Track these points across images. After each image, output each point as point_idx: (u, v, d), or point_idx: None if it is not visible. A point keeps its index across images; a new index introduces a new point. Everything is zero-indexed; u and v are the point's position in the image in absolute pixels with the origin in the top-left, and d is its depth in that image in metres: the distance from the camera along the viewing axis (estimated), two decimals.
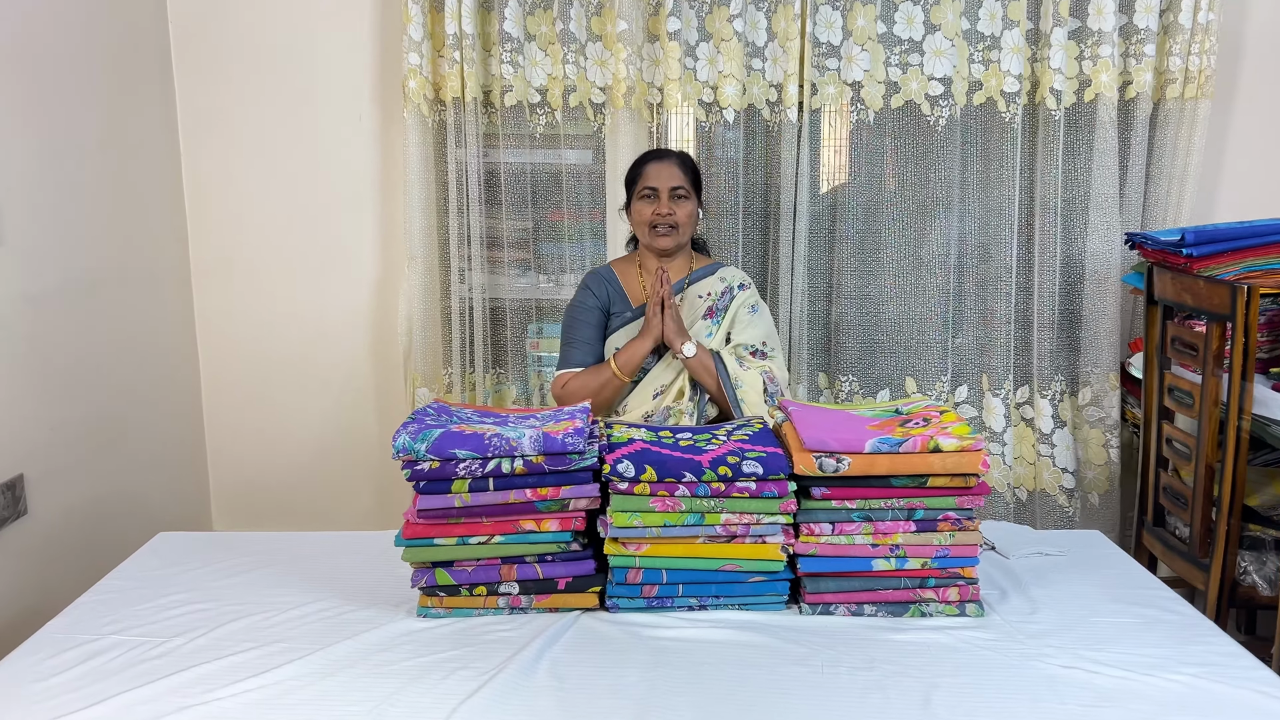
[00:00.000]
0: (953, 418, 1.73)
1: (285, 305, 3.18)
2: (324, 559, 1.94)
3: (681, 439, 1.77)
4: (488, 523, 1.65)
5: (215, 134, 3.09)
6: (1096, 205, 2.87)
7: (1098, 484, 2.94)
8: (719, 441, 1.74)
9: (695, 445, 1.72)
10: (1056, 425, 2.97)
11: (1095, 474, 2.94)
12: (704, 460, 1.64)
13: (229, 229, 3.14)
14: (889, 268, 2.97)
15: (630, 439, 1.73)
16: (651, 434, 1.78)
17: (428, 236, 3.01)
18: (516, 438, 1.62)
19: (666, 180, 2.32)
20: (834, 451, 1.64)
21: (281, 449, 3.25)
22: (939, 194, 2.92)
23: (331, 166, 3.10)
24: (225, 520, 3.31)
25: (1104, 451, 2.92)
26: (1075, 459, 2.97)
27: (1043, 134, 2.89)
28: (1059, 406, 2.97)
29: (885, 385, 3.00)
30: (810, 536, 1.67)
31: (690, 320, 2.36)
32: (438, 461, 1.63)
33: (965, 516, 1.68)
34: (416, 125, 2.95)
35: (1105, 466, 2.92)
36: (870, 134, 2.93)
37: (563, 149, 3.01)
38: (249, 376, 3.21)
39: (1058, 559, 1.93)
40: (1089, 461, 2.95)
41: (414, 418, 1.73)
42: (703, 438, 1.78)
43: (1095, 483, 2.95)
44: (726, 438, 1.77)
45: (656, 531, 1.64)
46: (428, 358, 3.06)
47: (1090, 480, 2.96)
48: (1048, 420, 2.97)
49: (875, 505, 1.66)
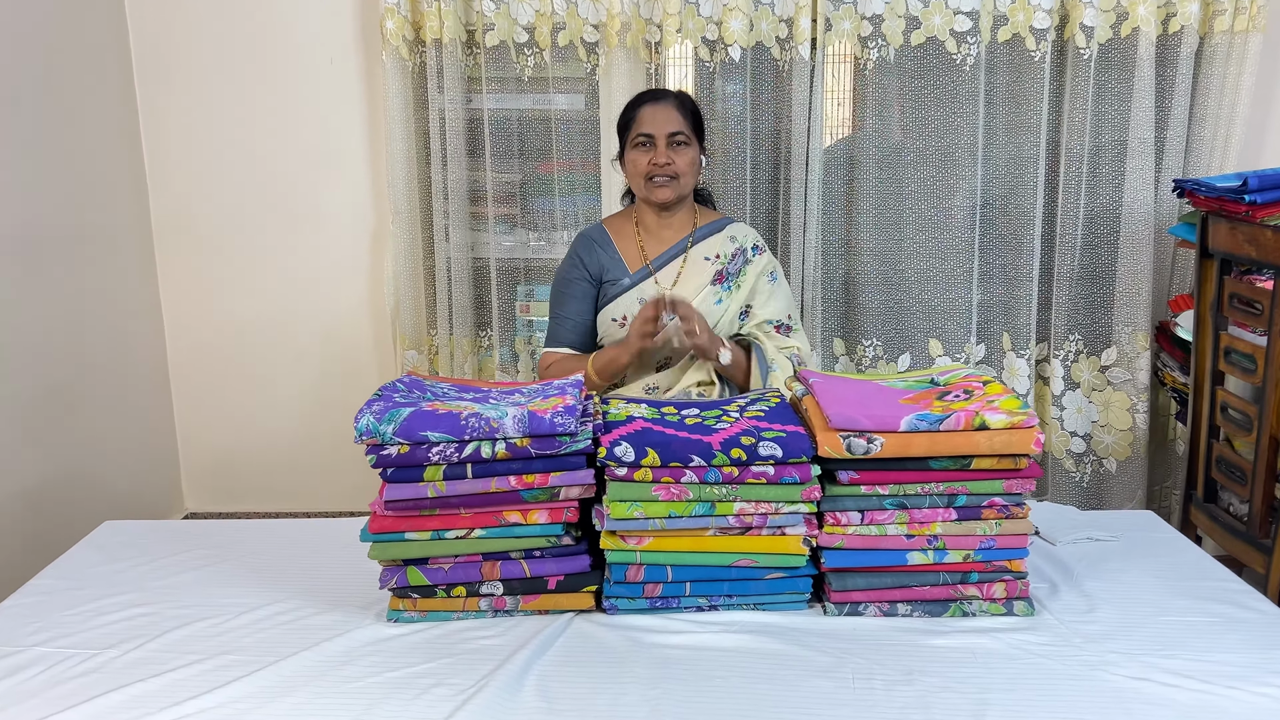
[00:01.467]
0: (998, 389, 1.51)
1: (258, 265, 2.95)
2: (286, 551, 1.73)
3: (688, 416, 1.55)
4: (466, 514, 1.44)
5: (174, 80, 2.84)
6: (1134, 151, 2.62)
7: (1117, 450, 2.75)
8: (731, 419, 1.52)
9: (704, 424, 1.50)
10: (1068, 387, 2.78)
11: (1115, 439, 2.74)
12: (714, 441, 1.43)
13: (193, 183, 2.90)
14: (910, 220, 2.74)
15: (630, 416, 1.51)
16: (654, 410, 1.56)
17: (410, 191, 2.78)
18: (498, 417, 1.40)
19: (663, 125, 2.06)
20: (864, 430, 1.42)
21: (258, 422, 3.05)
22: (964, 140, 2.68)
23: (304, 115, 2.86)
24: (198, 500, 3.11)
25: (1128, 416, 2.71)
26: (1088, 422, 2.77)
27: (1072, 74, 2.64)
28: (1071, 367, 2.77)
29: (907, 349, 2.78)
30: (836, 527, 1.46)
31: (695, 286, 2.11)
32: (407, 445, 1.41)
33: (1014, 502, 1.47)
34: (395, 69, 2.71)
35: (1129, 432, 2.72)
36: (890, 74, 2.68)
37: (552, 93, 2.77)
38: (220, 343, 3.00)
39: (1110, 544, 1.72)
40: (1110, 425, 2.75)
41: (380, 394, 1.51)
42: (712, 414, 1.55)
43: (1115, 448, 2.75)
44: (739, 414, 1.55)
45: (660, 523, 1.43)
46: (414, 320, 2.85)
47: (1108, 446, 2.76)
48: (1059, 382, 2.77)
49: (911, 491, 1.45)
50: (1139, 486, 2.73)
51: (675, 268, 2.13)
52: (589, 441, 1.42)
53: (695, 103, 2.15)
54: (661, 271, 2.13)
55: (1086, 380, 2.77)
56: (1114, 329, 2.72)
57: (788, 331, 2.14)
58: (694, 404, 1.62)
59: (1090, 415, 2.78)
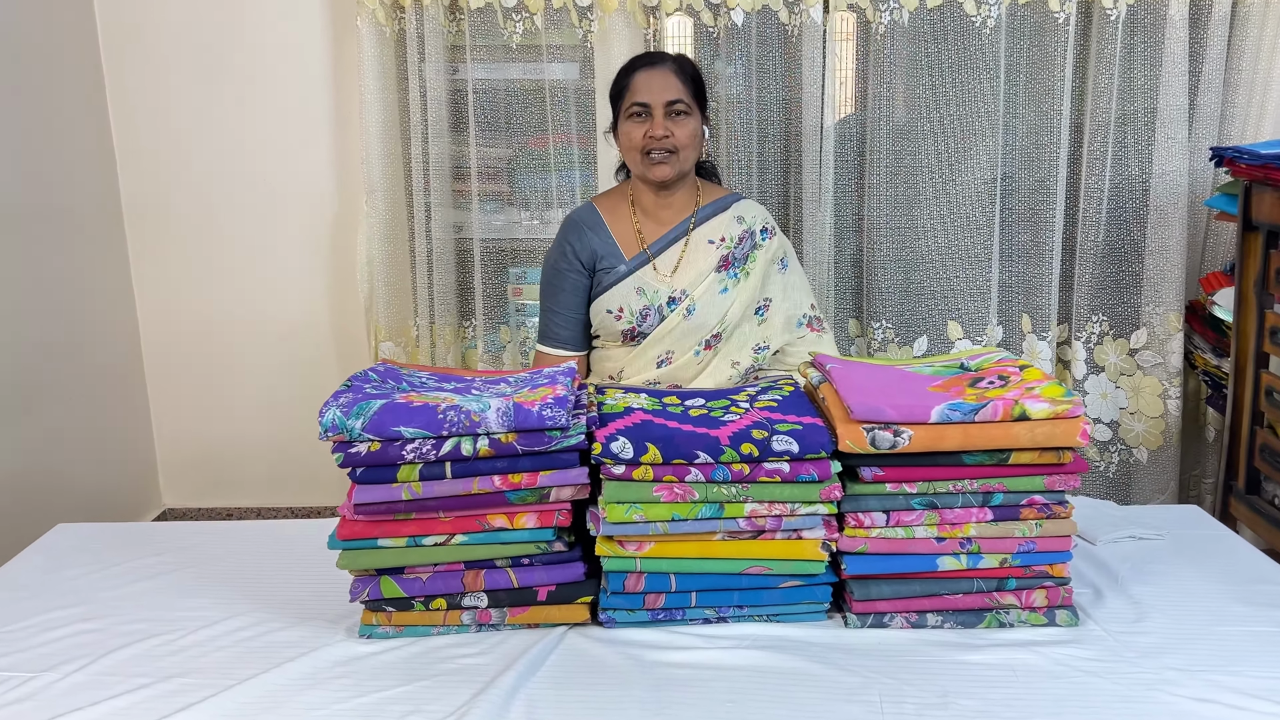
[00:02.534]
0: (1037, 374, 1.36)
1: (233, 247, 2.79)
2: (254, 556, 1.58)
3: (692, 406, 1.39)
4: (445, 518, 1.29)
5: (141, 54, 2.67)
6: (1165, 119, 2.46)
7: (1149, 438, 2.59)
8: (740, 410, 1.37)
9: (710, 415, 1.35)
10: (1090, 370, 2.62)
11: (1147, 427, 2.59)
12: (722, 435, 1.28)
13: (163, 164, 2.74)
14: (927, 195, 2.57)
15: (627, 408, 1.36)
16: (654, 401, 1.41)
17: (388, 167, 2.62)
18: (480, 410, 1.25)
19: (660, 92, 1.85)
20: (890, 422, 1.27)
21: (239, 412, 2.90)
22: (983, 109, 2.51)
23: (276, 88, 2.69)
24: (176, 495, 2.96)
25: (1159, 402, 2.56)
26: (1115, 409, 2.61)
27: (1098, 37, 2.47)
28: (1095, 350, 2.61)
29: (924, 331, 2.62)
30: (859, 529, 1.31)
31: (698, 274, 1.91)
32: (378, 442, 1.26)
33: (1056, 501, 1.32)
34: (372, 36, 2.54)
35: (1160, 419, 2.56)
36: (903, 39, 2.51)
37: (544, 62, 2.59)
38: (197, 329, 2.84)
39: (1155, 543, 1.57)
40: (1140, 413, 2.59)
41: (349, 385, 1.36)
42: (719, 404, 1.40)
43: (1146, 437, 2.59)
44: (749, 404, 1.39)
45: (663, 527, 1.28)
46: (392, 307, 2.68)
47: (1140, 434, 2.60)
48: (1080, 365, 2.61)
49: (941, 489, 1.30)
50: (1171, 478, 2.58)
51: (676, 252, 1.93)
52: (582, 436, 1.27)
53: (696, 67, 1.94)
54: (661, 257, 1.92)
55: (1114, 364, 2.61)
56: (1143, 309, 2.56)
57: (820, 325, 1.97)
58: (699, 393, 1.47)
59: (1118, 401, 2.62)
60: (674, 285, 1.90)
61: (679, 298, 1.89)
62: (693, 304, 1.89)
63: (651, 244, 1.93)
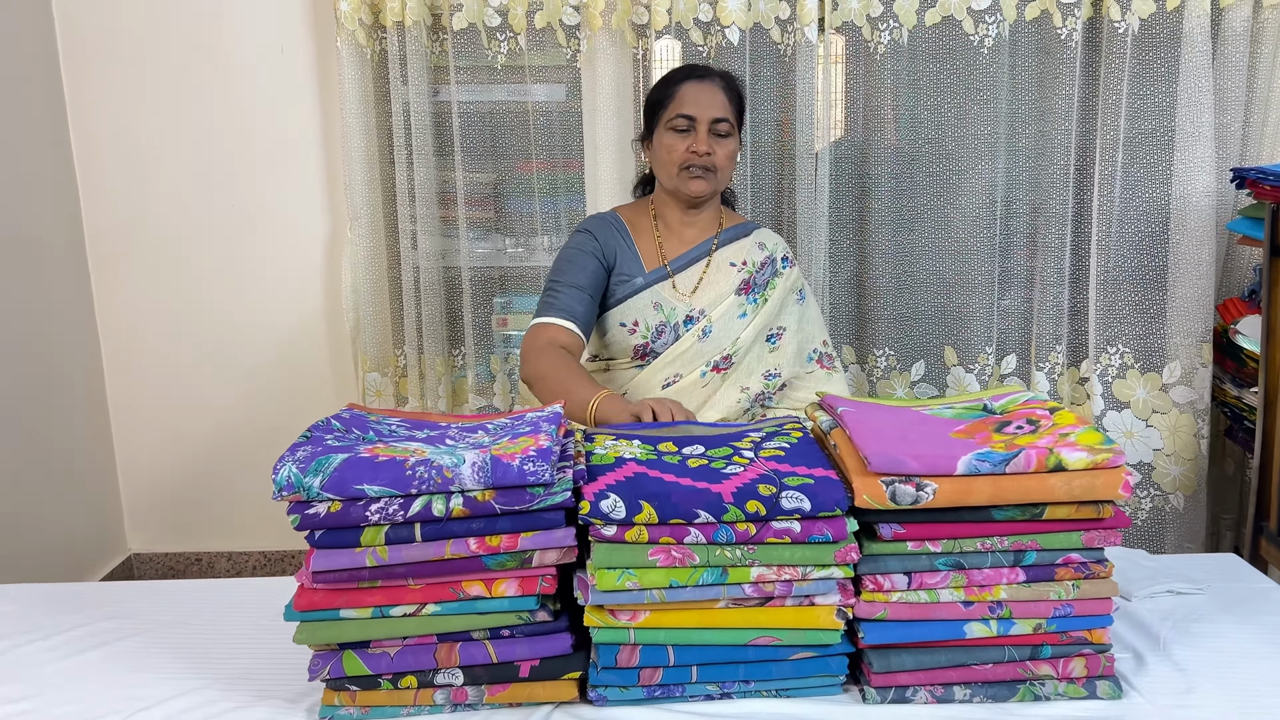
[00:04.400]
0: (1070, 418, 1.23)
1: (202, 279, 2.66)
2: (209, 621, 1.44)
3: (691, 456, 1.26)
4: (415, 586, 1.15)
5: (105, 70, 2.54)
6: (1186, 138, 2.35)
7: (1185, 483, 2.45)
8: (744, 460, 1.24)
9: (710, 466, 1.22)
10: (1110, 406, 2.48)
11: (1183, 470, 2.44)
12: (725, 491, 1.14)
13: (129, 189, 2.61)
14: (926, 219, 2.47)
15: (618, 458, 1.22)
16: (649, 449, 1.28)
17: (370, 193, 2.49)
18: (453, 465, 1.11)
19: (707, 108, 1.77)
20: (912, 474, 1.14)
21: (208, 450, 2.75)
22: (985, 130, 2.41)
23: (251, 110, 2.57)
24: (142, 539, 2.81)
25: (1194, 442, 2.42)
26: (1147, 450, 2.48)
27: (1108, 54, 2.37)
28: (1114, 384, 2.48)
29: (921, 357, 2.51)
30: (877, 593, 1.17)
31: (718, 295, 1.85)
32: (338, 502, 1.12)
33: (1094, 559, 1.19)
34: (352, 57, 2.43)
35: (1194, 461, 2.42)
36: (902, 58, 2.41)
37: (529, 83, 2.48)
38: (162, 365, 2.70)
39: (1194, 598, 1.44)
40: (1177, 454, 2.45)
41: (309, 435, 1.22)
42: (720, 453, 1.27)
43: (1182, 481, 2.45)
44: (754, 453, 1.26)
45: (659, 594, 1.14)
46: (377, 338, 2.55)
47: (1176, 479, 2.46)
48: (1098, 400, 2.48)
49: (969, 547, 1.17)
50: (1203, 523, 2.44)
51: (697, 271, 1.86)
52: (568, 494, 1.13)
53: (738, 83, 1.87)
54: (681, 275, 1.86)
55: (1142, 400, 2.46)
56: (1169, 340, 2.42)
57: (831, 361, 1.89)
58: (698, 439, 1.33)
59: (1150, 442, 2.47)
60: (693, 304, 1.83)
61: (696, 317, 1.82)
62: (709, 325, 1.82)
63: (672, 260, 1.87)
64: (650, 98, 1.85)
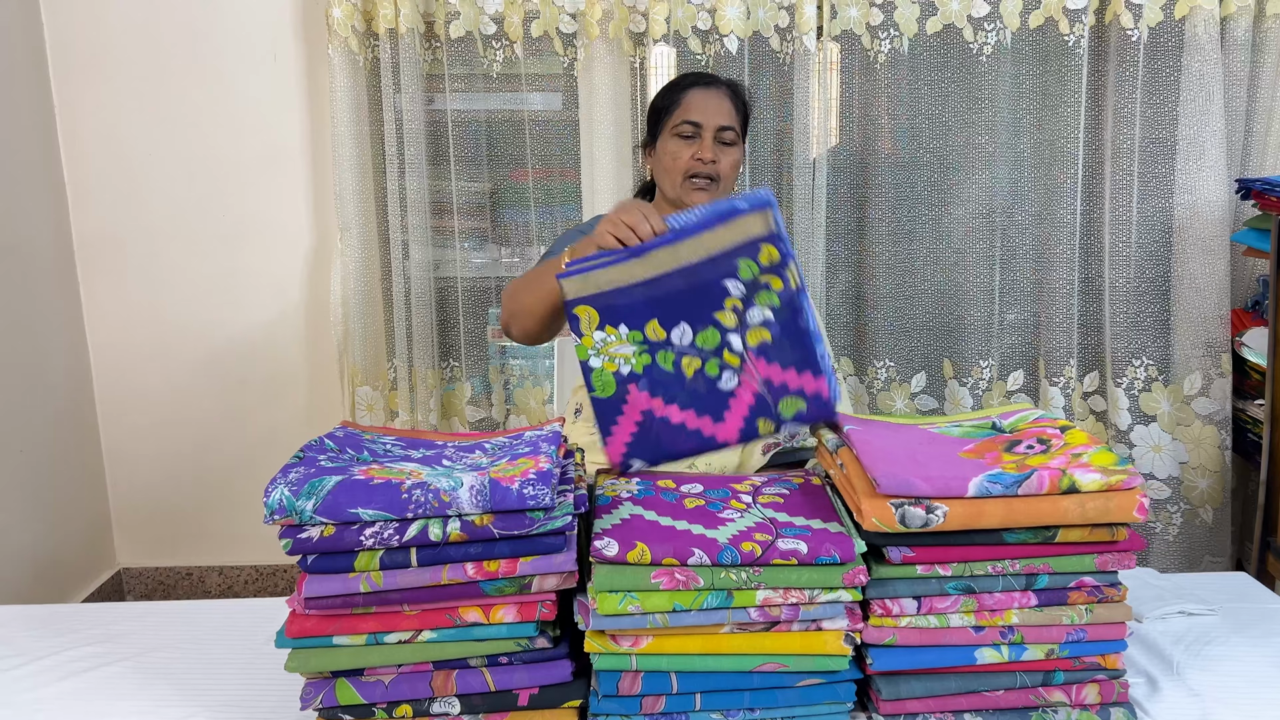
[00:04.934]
0: (1082, 438, 1.20)
1: (193, 288, 2.62)
2: (193, 645, 1.40)
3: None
4: (411, 612, 1.12)
5: (95, 77, 2.51)
6: (1194, 148, 2.32)
7: (1212, 496, 2.41)
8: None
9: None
10: (1136, 420, 2.44)
11: (1209, 484, 2.41)
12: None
13: (119, 197, 2.57)
14: (927, 229, 2.44)
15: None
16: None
17: (362, 202, 2.46)
18: (450, 488, 1.08)
19: (714, 115, 1.74)
20: (922, 496, 1.11)
21: (198, 462, 2.72)
22: (988, 140, 2.39)
23: (243, 118, 2.54)
24: (132, 553, 2.76)
25: (1219, 455, 2.39)
26: (1174, 464, 2.43)
27: (1116, 61, 2.35)
28: (1141, 397, 2.44)
29: (921, 369, 2.48)
30: (886, 618, 1.14)
31: None
32: (332, 526, 1.09)
33: (1108, 583, 1.16)
34: (344, 64, 2.39)
35: (1219, 475, 2.39)
36: (904, 67, 2.39)
37: (525, 91, 2.46)
38: (152, 376, 2.66)
39: (1206, 619, 1.41)
40: (1202, 467, 2.41)
41: (301, 456, 1.18)
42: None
43: (1209, 495, 2.41)
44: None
45: (662, 619, 1.11)
46: (368, 350, 2.52)
47: (1204, 492, 2.42)
48: (1124, 414, 2.44)
49: (980, 571, 1.14)
50: (1229, 540, 2.42)
51: None
52: (570, 518, 1.10)
53: (745, 91, 1.84)
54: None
55: (1168, 413, 2.43)
56: (1183, 352, 2.39)
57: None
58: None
59: (1177, 455, 2.44)
60: None
61: None
62: None
63: None
64: (655, 104, 1.82)
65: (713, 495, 1.25)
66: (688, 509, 1.21)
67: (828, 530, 1.14)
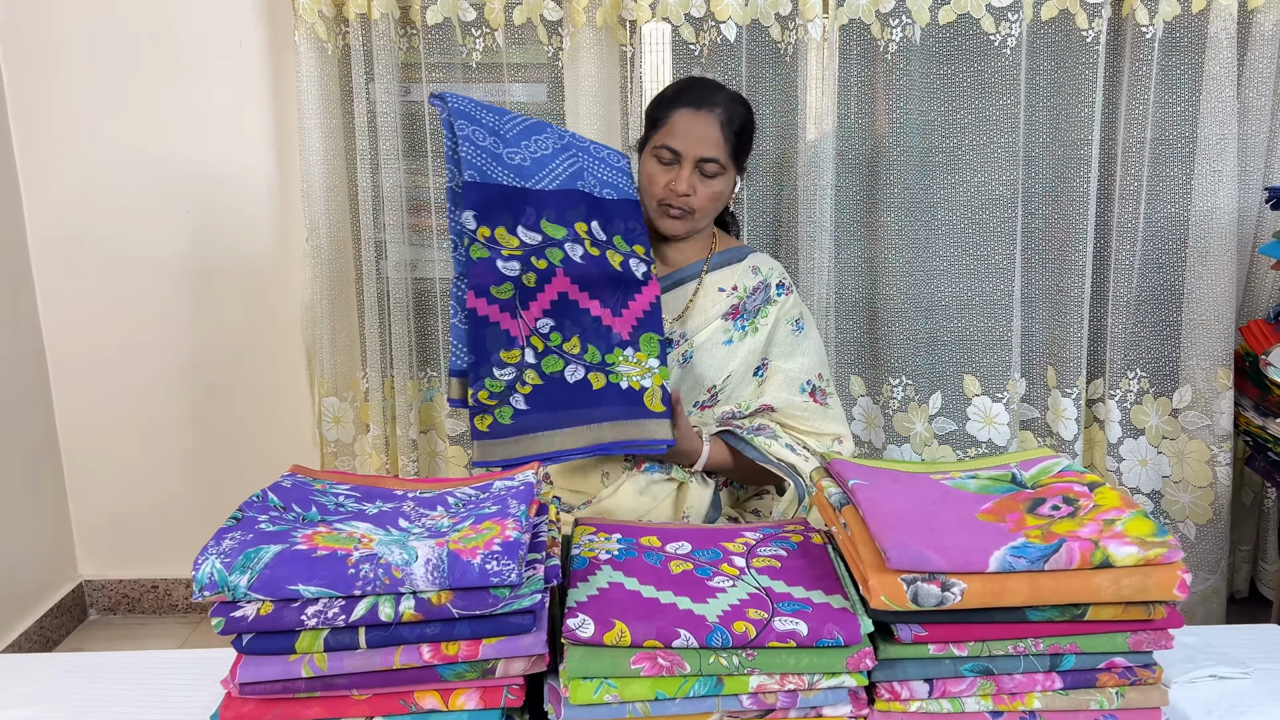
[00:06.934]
0: (1113, 499, 1.08)
1: (155, 291, 2.47)
2: (134, 702, 1.27)
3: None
4: (361, 697, 0.99)
5: (51, 70, 2.35)
6: (1206, 149, 2.20)
7: (1195, 511, 2.32)
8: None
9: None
10: (1127, 434, 2.33)
11: (1194, 499, 2.32)
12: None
13: (76, 195, 2.42)
14: (942, 234, 2.30)
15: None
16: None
17: (332, 200, 2.31)
18: (403, 562, 0.95)
19: (697, 144, 1.57)
20: (938, 572, 0.98)
21: (162, 473, 2.58)
22: (1003, 138, 2.25)
23: (207, 111, 2.38)
24: (95, 564, 2.64)
25: (1207, 470, 2.29)
26: (1157, 477, 2.34)
27: (1132, 57, 2.21)
28: (1132, 410, 2.33)
29: (938, 388, 2.35)
30: (894, 703, 1.03)
31: (703, 320, 1.68)
32: (269, 604, 0.96)
33: (1142, 664, 1.04)
34: (312, 53, 2.24)
35: (1208, 489, 2.29)
36: (916, 58, 2.24)
37: (507, 82, 2.31)
38: (114, 383, 2.53)
39: (1239, 683, 1.29)
40: (1186, 481, 2.32)
41: (239, 518, 1.05)
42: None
43: (1194, 509, 2.32)
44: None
45: (643, 708, 0.99)
46: (337, 358, 2.38)
47: (1185, 507, 2.33)
48: (1115, 427, 2.33)
49: (999, 650, 1.02)
50: (1222, 555, 2.31)
51: (683, 296, 1.69)
52: (539, 596, 0.97)
53: (747, 117, 1.64)
54: (667, 295, 1.67)
55: (1154, 426, 2.33)
56: (1184, 363, 2.29)
57: (824, 397, 1.70)
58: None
59: (1160, 469, 2.34)
60: (674, 328, 1.67)
61: (677, 341, 1.66)
62: (690, 350, 1.66)
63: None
64: (649, 109, 1.67)
65: (701, 558, 1.13)
66: (674, 575, 1.08)
67: (830, 606, 1.02)
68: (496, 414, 1.40)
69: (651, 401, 1.48)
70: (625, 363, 1.47)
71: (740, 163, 1.66)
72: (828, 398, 1.71)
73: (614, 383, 1.45)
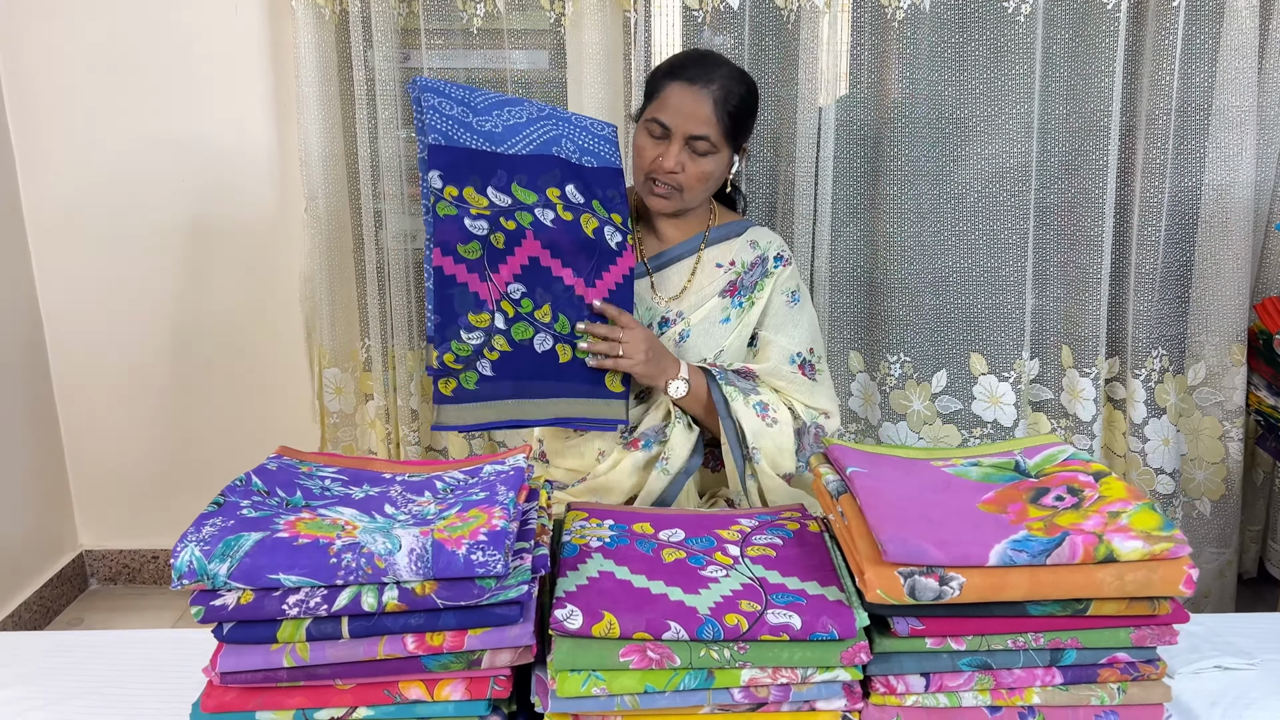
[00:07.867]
0: (1118, 489, 1.05)
1: (153, 262, 2.44)
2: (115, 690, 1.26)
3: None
4: (344, 687, 0.98)
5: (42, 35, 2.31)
6: (1222, 121, 2.13)
7: (1209, 488, 2.29)
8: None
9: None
10: (1151, 413, 2.29)
11: (1207, 475, 2.28)
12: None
13: (71, 162, 2.39)
14: (949, 208, 2.25)
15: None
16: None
17: (330, 169, 2.27)
18: (386, 551, 0.93)
19: (687, 120, 1.53)
20: (937, 565, 0.95)
21: (161, 442, 2.57)
22: (1017, 109, 2.18)
23: (202, 79, 2.34)
24: (93, 534, 2.64)
25: (1220, 445, 2.25)
26: (1177, 456, 2.30)
27: (1155, 27, 2.14)
28: (1156, 390, 2.28)
29: (943, 366, 2.31)
30: (889, 697, 1.00)
31: (701, 296, 1.65)
32: (250, 593, 0.94)
33: (1145, 659, 1.01)
34: (309, 18, 2.19)
35: (1221, 465, 2.26)
36: (925, 26, 2.17)
37: (507, 49, 2.25)
38: (112, 353, 2.51)
39: (1244, 674, 1.27)
40: (1200, 458, 2.28)
41: (221, 503, 1.03)
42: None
43: (1207, 486, 2.29)
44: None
45: (632, 701, 0.97)
46: (337, 329, 2.35)
47: (1200, 484, 2.30)
48: (1140, 407, 2.28)
49: (998, 645, 1.00)
50: (1234, 530, 2.28)
51: (681, 273, 1.66)
52: (525, 587, 0.95)
53: (745, 96, 1.59)
54: (661, 274, 1.65)
55: (1174, 405, 2.28)
56: (1194, 339, 2.24)
57: (812, 371, 1.66)
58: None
59: (1179, 447, 2.30)
60: (670, 307, 1.64)
61: (673, 320, 1.63)
62: (687, 329, 1.63)
63: (650, 258, 1.67)
64: (647, 80, 1.62)
65: (695, 545, 1.10)
66: (666, 564, 1.06)
67: (824, 598, 1.00)
68: (461, 378, 1.39)
69: (612, 382, 1.49)
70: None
71: (737, 143, 1.61)
72: (817, 373, 1.67)
73: (580, 358, 1.45)
